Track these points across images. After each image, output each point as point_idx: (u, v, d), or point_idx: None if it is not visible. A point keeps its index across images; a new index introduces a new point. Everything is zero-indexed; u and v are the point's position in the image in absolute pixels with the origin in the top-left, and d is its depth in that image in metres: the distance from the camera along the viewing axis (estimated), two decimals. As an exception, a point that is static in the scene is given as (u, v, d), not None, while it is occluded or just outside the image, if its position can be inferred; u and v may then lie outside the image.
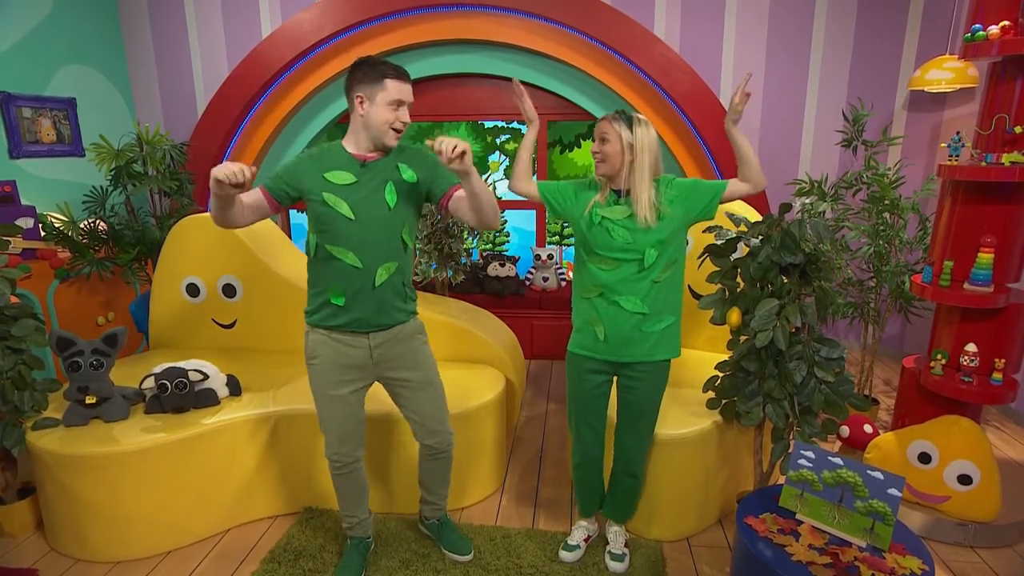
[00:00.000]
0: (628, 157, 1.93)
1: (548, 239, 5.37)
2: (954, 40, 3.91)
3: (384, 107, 1.83)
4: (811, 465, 1.76)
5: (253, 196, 1.88)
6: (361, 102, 1.85)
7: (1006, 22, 2.21)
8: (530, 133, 2.17)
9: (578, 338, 2.10)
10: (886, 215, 3.15)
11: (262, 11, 4.47)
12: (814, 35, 4.15)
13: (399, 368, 2.05)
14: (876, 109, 4.09)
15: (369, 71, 1.83)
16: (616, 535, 2.30)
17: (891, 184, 3.08)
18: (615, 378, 2.14)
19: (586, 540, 2.34)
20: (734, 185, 2.02)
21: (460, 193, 1.92)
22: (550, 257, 4.52)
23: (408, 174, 1.93)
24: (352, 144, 1.92)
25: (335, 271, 1.89)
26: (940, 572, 2.25)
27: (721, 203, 2.02)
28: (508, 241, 5.92)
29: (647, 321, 1.98)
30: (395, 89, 1.83)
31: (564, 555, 2.28)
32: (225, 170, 1.63)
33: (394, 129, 1.86)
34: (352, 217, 1.86)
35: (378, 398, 2.17)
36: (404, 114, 1.86)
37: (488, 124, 5.76)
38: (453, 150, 1.65)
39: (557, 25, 3.98)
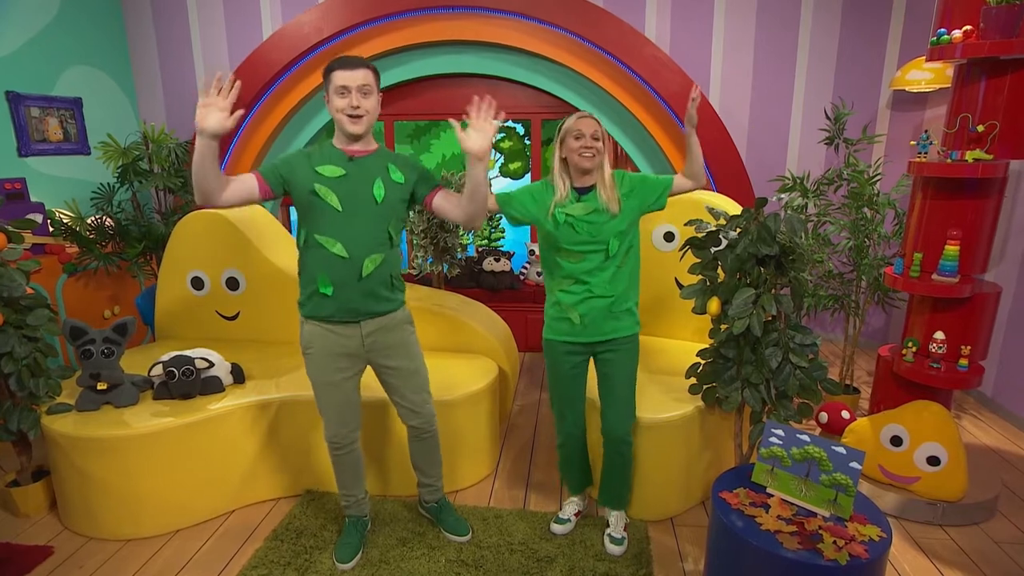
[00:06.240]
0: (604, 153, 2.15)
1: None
2: (934, 41, 4.02)
3: (334, 97, 1.96)
4: (781, 442, 1.88)
5: (243, 177, 1.96)
6: (327, 100, 2.01)
7: (968, 27, 2.32)
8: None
9: (554, 325, 2.24)
10: (865, 210, 3.26)
11: (263, 13, 4.57)
12: (800, 36, 4.26)
13: (390, 356, 2.17)
14: (860, 109, 4.21)
15: (325, 71, 1.99)
16: (617, 519, 2.40)
17: (869, 181, 3.19)
18: (591, 360, 2.29)
19: (576, 515, 2.46)
20: (679, 180, 2.21)
21: (442, 194, 2.10)
22: (544, 252, 4.62)
23: (397, 175, 2.06)
24: (337, 141, 2.06)
25: (322, 260, 2.00)
26: (911, 549, 2.36)
27: (670, 196, 2.21)
28: (503, 237, 6.03)
29: (616, 301, 2.17)
30: (338, 77, 1.94)
31: (555, 528, 2.41)
32: (213, 120, 1.87)
33: (348, 116, 1.96)
34: (340, 208, 1.97)
35: (372, 386, 2.28)
36: (354, 99, 1.94)
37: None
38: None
39: (550, 26, 4.09)
